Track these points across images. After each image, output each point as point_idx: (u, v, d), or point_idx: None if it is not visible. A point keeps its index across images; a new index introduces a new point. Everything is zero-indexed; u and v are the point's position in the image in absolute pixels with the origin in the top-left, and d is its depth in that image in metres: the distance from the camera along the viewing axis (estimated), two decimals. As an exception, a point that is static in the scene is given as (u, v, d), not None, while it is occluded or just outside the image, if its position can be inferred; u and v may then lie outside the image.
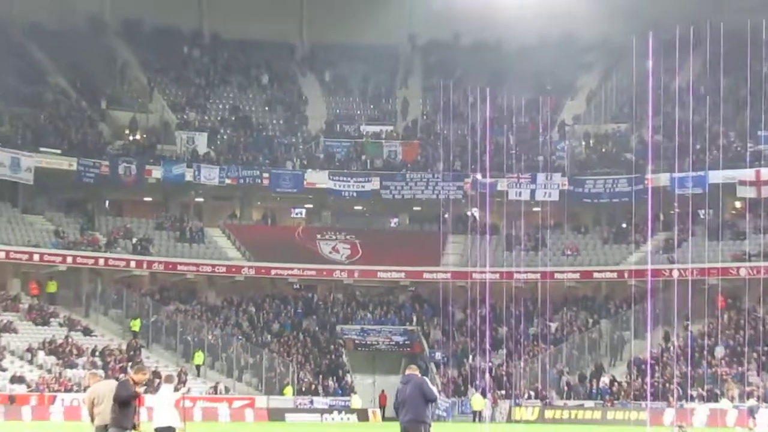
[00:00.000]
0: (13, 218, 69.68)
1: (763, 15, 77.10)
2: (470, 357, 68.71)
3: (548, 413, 63.75)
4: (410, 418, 19.09)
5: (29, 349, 62.78)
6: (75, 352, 63.59)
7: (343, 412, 64.08)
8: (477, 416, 62.81)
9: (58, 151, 70.43)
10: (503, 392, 66.18)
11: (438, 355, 69.59)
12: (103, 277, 70.07)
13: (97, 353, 63.68)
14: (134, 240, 71.26)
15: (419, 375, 20.22)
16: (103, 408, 21.58)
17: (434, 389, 20.60)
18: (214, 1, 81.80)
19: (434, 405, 19.67)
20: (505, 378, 67.29)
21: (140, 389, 19.17)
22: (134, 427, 18.63)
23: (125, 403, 18.51)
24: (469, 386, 66.78)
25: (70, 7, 76.76)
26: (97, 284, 69.86)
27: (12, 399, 56.90)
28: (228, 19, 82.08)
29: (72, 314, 67.62)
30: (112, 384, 22.83)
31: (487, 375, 67.19)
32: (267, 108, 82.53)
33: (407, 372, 20.26)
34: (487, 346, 66.50)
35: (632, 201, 70.52)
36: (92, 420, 21.85)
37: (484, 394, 64.33)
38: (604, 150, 77.13)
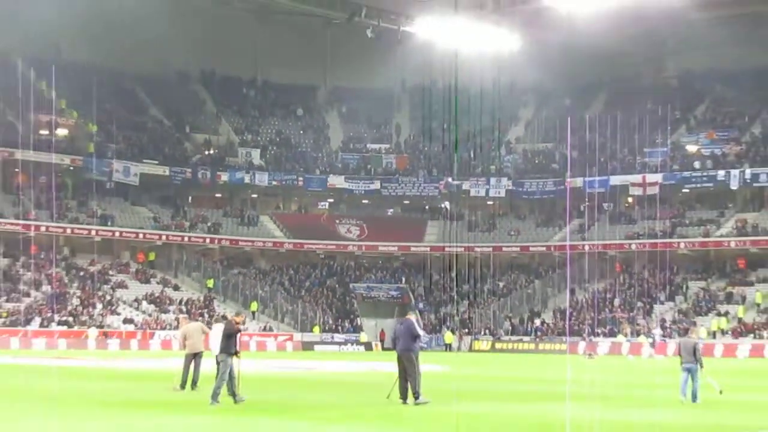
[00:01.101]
0: (125, 209, 69.75)
1: (645, 66, 77.52)
2: (444, 306, 68.98)
3: (498, 345, 63.94)
4: (404, 348, 19.21)
5: (136, 300, 62.98)
6: (168, 302, 63.75)
7: (355, 344, 64.20)
8: (448, 347, 63.03)
9: (156, 162, 70.41)
10: (466, 330, 66.31)
11: (421, 305, 69.58)
12: (187, 250, 70.03)
13: (183, 303, 63.88)
14: (209, 224, 71.28)
15: (411, 318, 20.22)
16: (192, 341, 21.81)
17: (420, 330, 20.66)
18: (265, 57, 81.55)
19: (419, 340, 19.69)
20: (467, 320, 67.53)
21: (240, 327, 19.34)
22: (237, 353, 18.77)
23: (230, 336, 18.63)
24: (442, 326, 66.99)
25: (165, 63, 76.49)
26: (183, 255, 69.78)
27: (105, 334, 56.83)
28: (274, 70, 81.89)
29: (165, 275, 67.69)
30: (197, 324, 23.08)
31: (456, 318, 67.43)
32: (301, 132, 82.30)
33: (405, 317, 20.01)
34: (455, 298, 66.80)
35: (556, 197, 70.98)
36: (184, 348, 22.19)
37: (453, 332, 64.53)
38: (537, 161, 77.07)
